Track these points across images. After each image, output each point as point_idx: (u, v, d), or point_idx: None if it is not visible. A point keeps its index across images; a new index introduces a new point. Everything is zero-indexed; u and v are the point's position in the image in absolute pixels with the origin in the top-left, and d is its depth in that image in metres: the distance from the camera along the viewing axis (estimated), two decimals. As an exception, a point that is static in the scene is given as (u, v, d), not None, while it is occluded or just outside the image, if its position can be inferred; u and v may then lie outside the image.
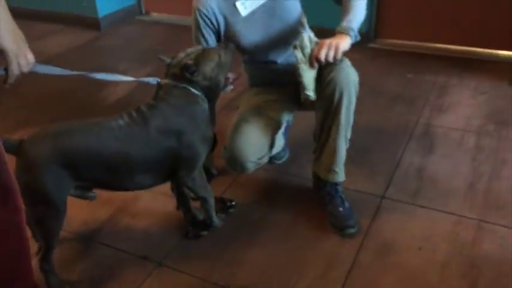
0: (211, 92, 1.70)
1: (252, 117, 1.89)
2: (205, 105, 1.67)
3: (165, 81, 1.64)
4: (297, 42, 1.63)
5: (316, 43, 1.65)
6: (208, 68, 1.65)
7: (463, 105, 2.71)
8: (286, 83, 1.98)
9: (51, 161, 1.45)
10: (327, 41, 1.63)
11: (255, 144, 1.84)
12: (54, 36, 4.06)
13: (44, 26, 4.24)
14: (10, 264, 1.30)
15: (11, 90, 1.35)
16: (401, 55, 3.36)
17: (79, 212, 1.92)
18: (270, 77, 2.02)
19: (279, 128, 1.98)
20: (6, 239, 1.24)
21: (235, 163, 1.84)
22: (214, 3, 1.84)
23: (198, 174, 1.71)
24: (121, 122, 1.56)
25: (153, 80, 1.67)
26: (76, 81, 3.15)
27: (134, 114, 1.58)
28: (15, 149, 1.45)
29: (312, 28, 2.03)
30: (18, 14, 4.57)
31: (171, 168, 1.64)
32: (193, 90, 1.63)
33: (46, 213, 1.51)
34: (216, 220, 1.85)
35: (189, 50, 1.69)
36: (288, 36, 1.89)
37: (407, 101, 2.77)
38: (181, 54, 1.67)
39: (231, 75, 1.81)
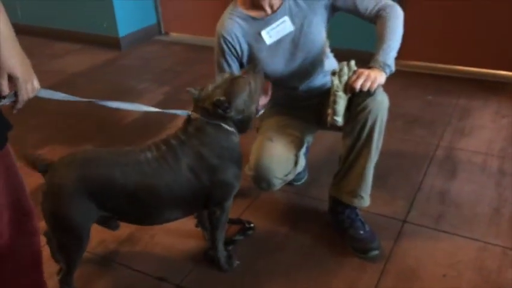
0: (244, 124, 1.63)
1: (275, 135, 1.89)
2: (237, 139, 1.62)
3: (196, 115, 1.57)
4: (337, 69, 1.64)
5: (354, 72, 1.65)
6: (241, 100, 1.57)
7: (485, 129, 2.67)
8: (306, 106, 1.99)
9: (76, 190, 1.43)
10: (366, 72, 1.62)
11: (281, 161, 1.84)
12: (74, 55, 4.13)
13: (64, 45, 4.32)
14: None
15: (30, 110, 1.36)
16: (421, 77, 3.34)
17: (98, 231, 1.90)
18: (290, 100, 2.02)
19: (302, 145, 1.98)
20: (23, 264, 1.23)
21: (261, 180, 1.83)
22: (239, 30, 1.84)
23: (227, 209, 1.67)
24: (149, 156, 1.52)
25: (181, 113, 1.62)
26: (102, 96, 3.20)
27: (163, 148, 1.54)
28: (44, 170, 1.46)
29: (340, 50, 2.03)
30: (40, 33, 4.72)
31: (202, 203, 1.62)
32: (226, 126, 1.57)
33: (69, 240, 1.50)
34: (225, 265, 1.77)
35: (218, 80, 1.60)
36: (310, 66, 1.90)
37: (427, 123, 2.74)
38: (210, 86, 1.58)
39: (261, 100, 1.74)
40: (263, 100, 1.75)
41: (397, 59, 1.73)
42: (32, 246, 1.27)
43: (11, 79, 1.07)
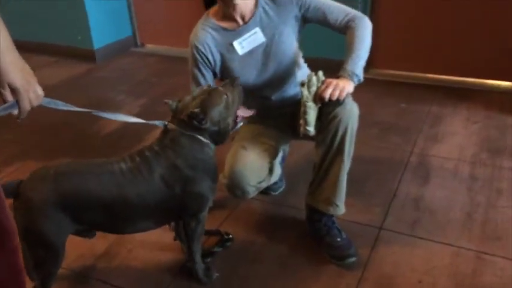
0: (220, 136, 1.64)
1: (249, 144, 1.91)
2: (212, 153, 1.62)
3: (173, 126, 1.58)
4: (305, 80, 1.66)
5: (323, 82, 1.68)
6: (216, 112, 1.58)
7: (456, 135, 2.73)
8: (279, 115, 2.01)
9: (50, 204, 1.42)
10: (334, 82, 1.65)
11: (254, 168, 1.85)
12: (49, 68, 4.09)
13: (39, 58, 4.26)
14: None
15: (4, 123, 1.35)
16: (395, 85, 3.41)
17: (75, 246, 1.88)
18: (264, 110, 2.03)
19: (276, 154, 1.99)
20: (5, 284, 1.21)
21: (235, 188, 1.84)
22: (211, 40, 1.86)
23: (202, 220, 1.67)
24: (123, 166, 1.52)
25: (159, 123, 1.62)
26: (70, 114, 3.16)
27: (137, 159, 1.55)
28: (14, 191, 1.43)
29: (311, 59, 2.06)
30: (15, 46, 4.57)
31: (176, 213, 1.62)
32: (201, 138, 1.58)
33: (44, 255, 1.48)
34: (204, 278, 1.76)
35: (195, 92, 1.63)
36: (282, 76, 1.92)
37: (401, 130, 2.80)
38: (188, 98, 1.60)
39: (240, 113, 1.74)
40: (245, 113, 1.75)
41: (371, 68, 1.78)
42: (12, 265, 1.24)
43: (13, 90, 1.06)
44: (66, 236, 1.51)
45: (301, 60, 2.01)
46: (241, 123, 1.76)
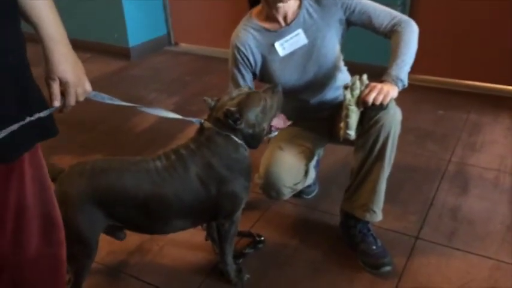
0: (254, 140, 1.61)
1: (286, 145, 1.89)
2: (247, 153, 1.60)
3: (208, 125, 1.57)
4: (349, 83, 1.63)
5: (367, 85, 1.64)
6: (252, 115, 1.56)
7: (496, 144, 2.64)
8: (317, 118, 1.98)
9: (85, 199, 1.44)
10: (378, 86, 1.61)
11: (290, 170, 1.83)
12: (84, 65, 4.04)
13: (76, 54, 4.33)
14: None
15: None
16: (433, 91, 3.33)
17: (107, 242, 1.89)
18: (302, 112, 2.01)
19: (312, 156, 1.97)
20: (46, 274, 1.22)
21: (270, 189, 1.82)
22: (252, 41, 1.84)
23: (236, 221, 1.66)
24: (159, 164, 1.52)
25: (196, 121, 1.61)
26: (105, 110, 3.20)
27: (173, 157, 1.54)
28: (54, 177, 1.44)
29: (353, 64, 2.02)
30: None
31: (210, 213, 1.61)
32: (235, 138, 1.56)
33: (77, 249, 1.48)
34: (235, 278, 1.74)
35: (234, 92, 1.61)
36: (322, 79, 1.90)
37: (439, 138, 2.73)
38: (226, 97, 1.59)
39: (277, 122, 1.70)
40: (280, 124, 1.72)
41: (409, 73, 1.72)
42: (56, 257, 1.25)
43: (62, 83, 1.07)
44: (100, 232, 1.52)
45: (342, 64, 1.98)
46: (277, 132, 1.72)
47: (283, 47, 1.85)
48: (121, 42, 4.19)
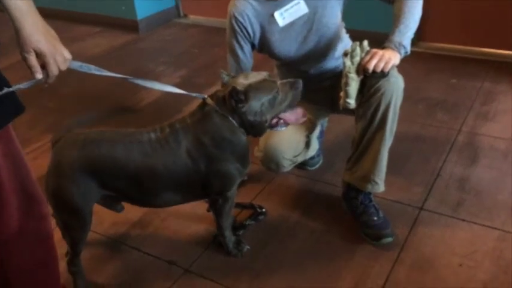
0: (254, 128, 1.55)
1: None
2: (244, 137, 1.55)
3: (210, 101, 1.53)
4: (349, 50, 1.58)
5: (368, 52, 1.58)
6: (258, 102, 1.50)
7: (510, 114, 2.55)
8: (318, 89, 1.94)
9: (77, 169, 1.44)
10: (379, 52, 1.56)
11: (290, 141, 1.80)
12: (92, 38, 4.14)
13: (84, 28, 4.33)
14: (36, 274, 1.29)
15: (48, 91, 1.36)
16: (446, 59, 3.22)
17: (110, 213, 1.91)
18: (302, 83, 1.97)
19: (314, 127, 1.93)
20: (32, 248, 1.23)
21: (270, 161, 1.80)
22: (251, 11, 1.79)
23: (229, 198, 1.64)
24: (153, 136, 1.51)
25: (198, 96, 1.57)
26: (111, 83, 3.19)
27: (167, 130, 1.53)
28: (54, 142, 1.49)
29: (354, 31, 1.96)
30: (59, 16, 4.74)
31: (201, 189, 1.59)
32: (233, 121, 1.52)
33: (71, 220, 1.50)
34: (234, 250, 1.74)
35: (252, 74, 1.56)
36: (322, 50, 1.84)
37: (450, 108, 2.65)
38: (241, 76, 1.54)
39: (289, 116, 1.62)
40: (291, 119, 1.64)
41: (420, 41, 1.66)
42: (40, 231, 1.26)
43: (39, 54, 1.05)
44: (93, 203, 1.53)
45: (344, 32, 1.92)
46: (284, 127, 1.65)
47: (282, 17, 1.79)
48: (129, 15, 4.15)
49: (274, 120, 1.59)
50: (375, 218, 1.80)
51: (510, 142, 2.31)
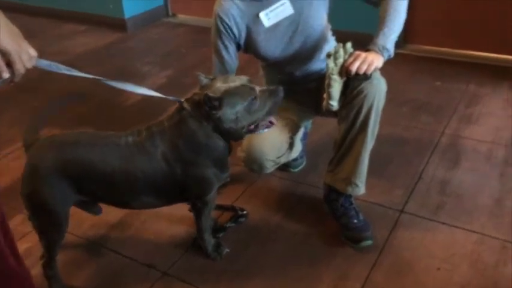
0: (230, 135, 1.53)
1: None
2: (222, 143, 1.53)
3: (187, 105, 1.50)
4: (332, 52, 1.57)
5: (351, 54, 1.58)
6: (233, 109, 1.47)
7: (493, 116, 2.57)
8: (303, 90, 1.94)
9: (53, 172, 1.42)
10: (363, 54, 1.56)
11: (273, 142, 1.80)
12: (80, 36, 4.11)
13: (71, 25, 4.30)
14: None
15: (32, 90, 1.35)
16: (431, 61, 3.24)
17: (88, 215, 1.90)
18: (287, 84, 1.95)
19: (297, 128, 1.93)
20: None
21: (252, 162, 1.79)
22: (236, 11, 1.78)
23: (209, 202, 1.63)
24: (130, 140, 1.50)
25: (174, 99, 1.54)
26: (97, 83, 3.17)
27: (144, 134, 1.51)
28: (27, 146, 1.48)
29: (340, 32, 1.96)
30: (47, 14, 4.69)
31: (180, 193, 1.58)
32: (205, 127, 1.49)
33: (47, 224, 1.49)
34: (213, 253, 1.73)
35: (231, 78, 1.53)
36: (308, 51, 1.84)
37: (434, 110, 2.66)
38: (220, 80, 1.51)
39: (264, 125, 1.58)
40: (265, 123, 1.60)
41: (406, 43, 1.66)
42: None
43: (3, 53, 1.03)
44: (69, 206, 1.51)
45: (330, 34, 1.92)
46: (265, 131, 1.62)
47: (268, 17, 1.78)
48: (117, 13, 4.12)
49: (252, 126, 1.57)
50: (355, 221, 1.80)
51: (492, 145, 2.32)
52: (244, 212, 1.94)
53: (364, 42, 1.66)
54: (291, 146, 1.91)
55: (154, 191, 1.54)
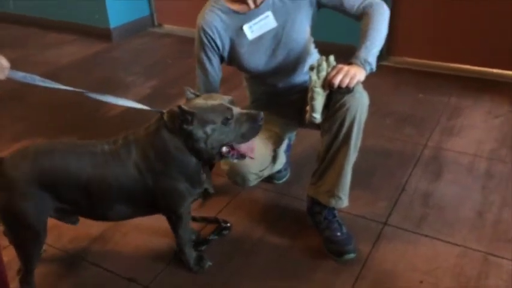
0: (200, 153, 1.49)
1: None
2: (192, 159, 1.50)
3: (165, 116, 1.49)
4: (315, 64, 1.58)
5: (334, 67, 1.59)
6: (203, 127, 1.44)
7: (475, 129, 2.60)
8: (286, 102, 1.94)
9: (28, 182, 1.41)
10: (345, 68, 1.56)
11: (256, 156, 1.78)
12: (66, 46, 4.08)
13: (57, 35, 4.28)
14: None
15: (16, 100, 1.34)
16: (414, 74, 3.27)
17: (71, 228, 1.86)
18: (270, 96, 1.97)
19: (281, 141, 1.93)
20: None
21: (236, 175, 1.78)
22: (219, 23, 1.78)
23: (182, 216, 1.61)
24: (106, 148, 1.49)
25: (158, 111, 1.54)
26: (90, 88, 3.13)
27: (120, 142, 1.51)
28: None
29: (322, 43, 1.97)
30: (33, 23, 4.66)
31: (151, 203, 1.56)
32: (177, 141, 1.47)
33: (24, 236, 1.46)
34: (194, 267, 1.72)
35: (214, 96, 1.52)
36: (291, 64, 1.85)
37: (417, 122, 2.68)
38: (203, 97, 1.51)
39: (246, 148, 1.54)
40: (249, 152, 1.57)
41: (389, 55, 1.67)
42: None
43: None
44: (46, 216, 1.49)
45: (312, 47, 1.93)
46: (235, 160, 1.58)
47: (251, 30, 1.79)
48: (102, 23, 4.11)
49: (225, 149, 1.51)
50: (338, 234, 1.80)
51: (474, 157, 2.34)
52: (228, 225, 1.93)
53: (347, 53, 1.67)
54: (274, 158, 1.91)
55: (128, 199, 1.53)
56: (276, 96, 1.95)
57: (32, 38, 4.24)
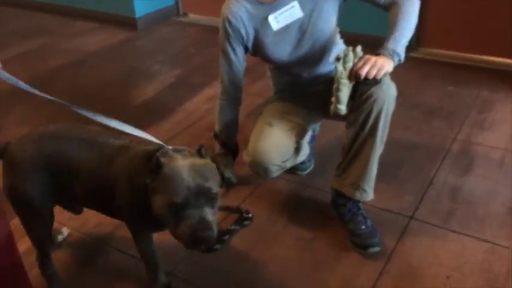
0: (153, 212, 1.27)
1: (275, 121, 1.83)
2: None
3: (158, 153, 1.28)
4: (341, 55, 1.55)
5: (361, 58, 1.56)
6: (154, 200, 1.24)
7: (507, 123, 2.52)
8: (310, 93, 1.91)
9: (32, 163, 1.42)
10: (372, 59, 1.53)
11: (279, 147, 1.77)
12: (92, 34, 4.11)
13: (84, 23, 4.31)
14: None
15: (40, 88, 1.35)
16: (444, 66, 3.18)
17: (95, 213, 1.88)
18: (294, 86, 1.95)
19: (304, 132, 1.91)
20: None
21: (258, 166, 1.77)
22: (244, 14, 1.76)
23: (143, 246, 1.52)
24: (111, 142, 1.43)
25: (159, 143, 1.38)
26: (106, 81, 3.16)
27: (120, 143, 1.44)
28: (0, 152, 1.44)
29: (349, 35, 1.93)
30: (60, 11, 4.70)
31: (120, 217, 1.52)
32: (142, 185, 1.28)
33: (30, 218, 1.48)
34: None
35: (199, 159, 1.29)
36: (317, 54, 1.82)
37: (446, 115, 2.61)
38: (187, 152, 1.33)
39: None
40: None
41: (419, 46, 1.63)
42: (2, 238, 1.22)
43: None
44: (51, 199, 1.49)
45: (338, 37, 1.89)
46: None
47: (277, 20, 1.76)
48: (128, 12, 4.12)
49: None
50: (363, 227, 1.76)
51: (505, 152, 2.27)
52: (250, 215, 1.92)
53: (374, 44, 1.63)
54: (297, 150, 1.88)
55: (99, 199, 1.47)
56: (300, 87, 1.92)
57: (60, 26, 4.29)
